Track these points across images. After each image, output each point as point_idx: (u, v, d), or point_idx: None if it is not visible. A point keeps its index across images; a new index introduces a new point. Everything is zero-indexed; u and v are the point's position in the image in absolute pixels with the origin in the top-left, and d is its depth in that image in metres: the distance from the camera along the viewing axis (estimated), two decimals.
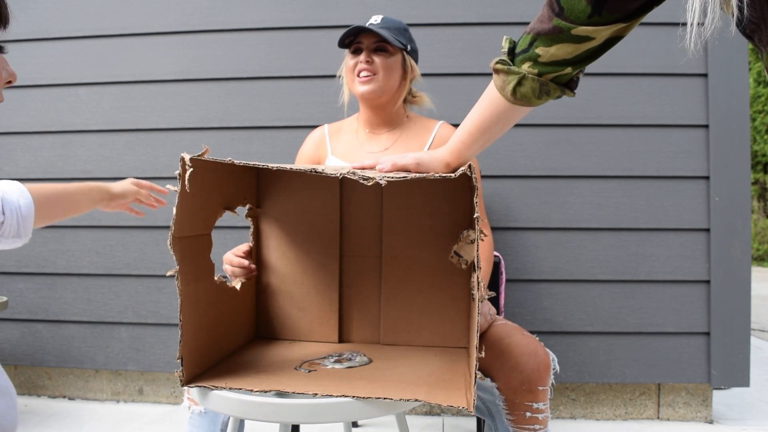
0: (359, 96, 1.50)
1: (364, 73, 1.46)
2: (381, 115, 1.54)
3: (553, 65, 0.87)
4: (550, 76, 0.89)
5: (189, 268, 0.96)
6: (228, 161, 0.94)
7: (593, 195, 2.15)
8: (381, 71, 1.46)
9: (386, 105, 1.52)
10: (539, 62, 0.88)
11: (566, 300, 2.16)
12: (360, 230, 1.24)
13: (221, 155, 2.21)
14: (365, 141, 1.56)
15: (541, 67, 0.88)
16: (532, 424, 1.20)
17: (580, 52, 0.85)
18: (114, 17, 2.31)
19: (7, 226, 1.00)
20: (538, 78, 0.89)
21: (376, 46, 1.47)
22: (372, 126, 1.57)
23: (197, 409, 1.22)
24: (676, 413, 2.18)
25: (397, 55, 1.49)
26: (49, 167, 2.34)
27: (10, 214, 1.01)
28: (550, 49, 0.86)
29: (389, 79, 1.48)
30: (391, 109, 1.54)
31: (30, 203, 1.04)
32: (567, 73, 0.89)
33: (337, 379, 0.97)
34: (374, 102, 1.50)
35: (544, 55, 0.87)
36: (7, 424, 0.76)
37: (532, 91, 0.90)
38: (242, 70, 2.26)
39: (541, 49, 0.87)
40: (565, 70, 0.88)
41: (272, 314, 1.27)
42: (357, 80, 1.47)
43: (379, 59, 1.46)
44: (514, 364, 1.20)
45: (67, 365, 2.33)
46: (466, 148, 1.02)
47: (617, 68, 2.13)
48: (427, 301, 1.22)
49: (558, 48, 0.85)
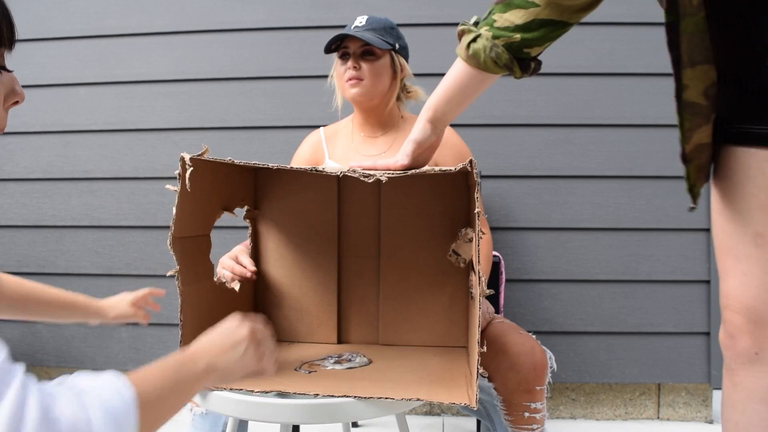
0: (351, 100, 1.50)
1: (352, 80, 1.46)
2: (374, 117, 1.54)
3: (505, 30, 0.96)
4: (502, 41, 0.97)
5: (189, 268, 0.96)
6: (228, 161, 0.95)
7: (593, 195, 2.15)
8: (368, 77, 1.45)
9: (378, 107, 1.52)
10: (494, 26, 0.97)
11: (566, 300, 2.15)
12: (358, 231, 1.24)
13: (221, 155, 2.20)
14: (361, 145, 1.56)
15: (495, 30, 0.97)
16: (530, 424, 1.20)
17: (529, 18, 0.94)
18: (114, 17, 2.31)
19: None
20: (492, 39, 0.97)
21: (363, 50, 1.46)
22: (367, 128, 1.56)
23: (199, 410, 1.22)
24: (676, 413, 2.18)
25: (384, 57, 1.48)
26: (49, 167, 2.34)
27: None
28: (504, 14, 0.96)
29: (378, 84, 1.47)
30: (384, 110, 1.53)
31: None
32: (516, 41, 0.96)
33: (337, 380, 0.97)
34: (365, 105, 1.50)
35: (499, 20, 0.97)
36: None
37: (483, 48, 0.98)
38: (242, 70, 2.26)
39: (497, 15, 0.97)
40: (515, 37, 0.96)
41: (271, 316, 1.27)
42: (347, 85, 1.47)
43: (366, 64, 1.45)
44: (511, 365, 1.20)
45: (67, 365, 2.33)
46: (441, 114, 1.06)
47: (617, 68, 2.12)
48: (425, 301, 1.22)
49: (510, 14, 0.95)
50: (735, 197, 0.85)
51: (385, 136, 1.55)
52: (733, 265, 0.86)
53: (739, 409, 0.85)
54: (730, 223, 0.86)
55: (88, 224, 2.32)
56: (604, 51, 2.13)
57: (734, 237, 0.85)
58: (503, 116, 2.17)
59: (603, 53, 2.13)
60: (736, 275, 0.85)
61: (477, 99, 1.06)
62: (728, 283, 0.87)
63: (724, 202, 0.87)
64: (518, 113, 2.16)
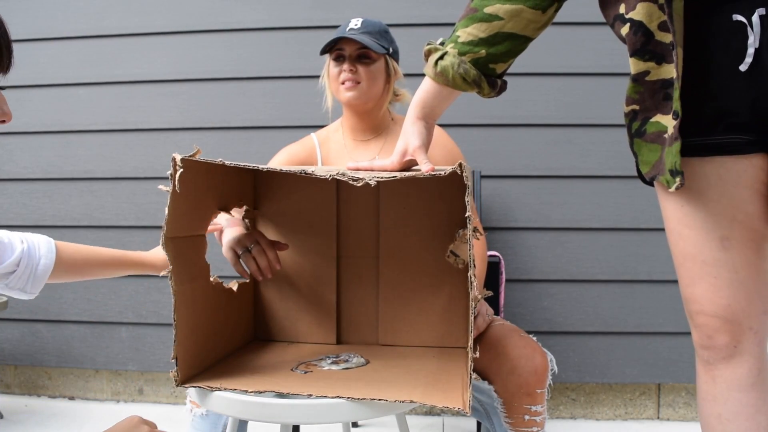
0: (345, 103, 1.48)
1: (348, 83, 1.44)
2: (367, 121, 1.52)
3: (469, 44, 0.97)
4: (468, 57, 0.97)
5: (183, 268, 0.96)
6: (219, 162, 0.94)
7: (593, 195, 2.14)
8: (365, 80, 1.43)
9: (372, 110, 1.50)
10: (459, 42, 0.97)
11: (566, 300, 2.15)
12: (357, 231, 1.24)
13: (221, 155, 2.20)
14: (353, 150, 1.54)
15: (460, 46, 0.97)
16: (530, 427, 1.20)
17: (492, 32, 0.95)
18: (114, 17, 2.31)
19: (14, 278, 0.99)
20: (458, 56, 0.98)
21: (359, 54, 1.45)
22: (358, 133, 1.54)
23: (199, 411, 1.22)
24: (676, 413, 2.17)
25: (380, 60, 1.46)
26: (49, 167, 2.34)
27: (23, 270, 0.99)
28: (467, 29, 0.96)
29: (373, 87, 1.45)
30: (377, 114, 1.52)
31: (49, 265, 1.03)
32: (482, 56, 0.96)
33: (333, 380, 0.97)
34: (360, 108, 1.48)
35: (462, 35, 0.97)
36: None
37: (451, 65, 0.97)
38: (242, 70, 2.26)
39: (461, 31, 0.97)
40: (480, 52, 0.96)
41: (270, 316, 1.27)
42: (342, 88, 1.45)
43: (363, 68, 1.43)
44: (512, 368, 1.19)
45: (67, 365, 2.34)
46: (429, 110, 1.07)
47: (617, 68, 2.12)
48: (425, 301, 1.21)
49: (473, 27, 0.96)
50: (698, 205, 0.87)
51: (376, 139, 1.53)
52: (701, 270, 0.88)
53: (721, 401, 0.88)
54: (694, 230, 0.88)
55: (88, 224, 2.32)
56: (604, 51, 2.12)
57: (699, 243, 0.88)
58: (503, 116, 2.16)
59: (603, 53, 2.12)
60: (705, 279, 0.88)
61: (477, 99, 1.07)
62: (697, 288, 0.89)
63: (685, 211, 0.89)
64: (518, 113, 2.16)
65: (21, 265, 0.99)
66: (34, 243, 1.03)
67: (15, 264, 0.99)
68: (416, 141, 1.03)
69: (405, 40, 2.22)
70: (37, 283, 1.02)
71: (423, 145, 1.03)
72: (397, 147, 1.04)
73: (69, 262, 1.07)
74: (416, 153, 1.02)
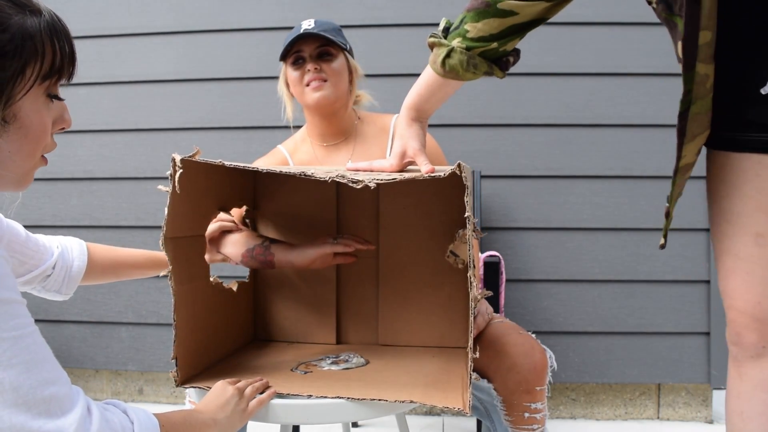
0: (313, 106, 1.41)
1: (314, 83, 1.39)
2: (334, 123, 1.47)
3: (480, 40, 0.94)
4: (478, 50, 0.95)
5: (183, 268, 0.96)
6: (218, 163, 0.94)
7: (593, 195, 2.14)
8: (331, 77, 1.39)
9: (339, 111, 1.46)
10: (467, 37, 0.95)
11: (566, 300, 2.15)
12: (357, 231, 1.24)
13: (221, 155, 2.20)
14: (324, 158, 1.50)
15: (469, 42, 0.95)
16: (530, 425, 1.20)
17: (504, 27, 0.92)
18: (114, 17, 2.31)
19: (52, 281, 1.02)
20: (467, 52, 0.96)
21: (319, 52, 1.41)
22: (326, 137, 1.49)
23: None
24: (676, 413, 2.17)
25: (340, 56, 1.43)
26: (49, 167, 2.32)
27: (59, 272, 1.02)
28: (477, 24, 0.93)
29: (341, 83, 1.42)
30: (344, 115, 1.48)
31: (82, 267, 1.05)
32: (493, 48, 0.95)
33: (332, 381, 0.97)
34: (328, 109, 1.42)
35: (472, 30, 0.94)
36: None
37: (460, 63, 0.96)
38: (242, 70, 2.26)
39: (469, 25, 0.94)
40: (491, 45, 0.94)
41: (270, 316, 1.27)
42: (307, 89, 1.40)
43: (326, 65, 1.40)
44: (511, 365, 1.19)
45: (67, 365, 2.33)
46: (423, 112, 1.08)
47: (617, 68, 2.12)
48: (424, 301, 1.21)
49: (485, 23, 0.92)
50: (733, 200, 0.87)
51: (345, 142, 1.50)
52: (735, 265, 0.88)
53: (745, 399, 0.88)
54: (730, 225, 0.88)
55: (88, 224, 2.32)
56: (604, 51, 2.12)
57: (735, 238, 0.88)
58: (503, 116, 2.16)
59: (603, 53, 2.12)
60: (738, 275, 0.88)
61: (477, 99, 1.07)
62: (730, 283, 0.89)
63: (723, 205, 0.89)
64: (518, 113, 2.16)
65: (57, 267, 1.02)
66: (67, 246, 1.06)
67: (52, 267, 1.02)
68: (415, 143, 1.04)
69: (405, 40, 2.23)
70: (71, 284, 1.05)
71: (422, 147, 1.05)
72: (395, 149, 1.05)
73: (101, 263, 1.10)
74: (416, 155, 1.04)
